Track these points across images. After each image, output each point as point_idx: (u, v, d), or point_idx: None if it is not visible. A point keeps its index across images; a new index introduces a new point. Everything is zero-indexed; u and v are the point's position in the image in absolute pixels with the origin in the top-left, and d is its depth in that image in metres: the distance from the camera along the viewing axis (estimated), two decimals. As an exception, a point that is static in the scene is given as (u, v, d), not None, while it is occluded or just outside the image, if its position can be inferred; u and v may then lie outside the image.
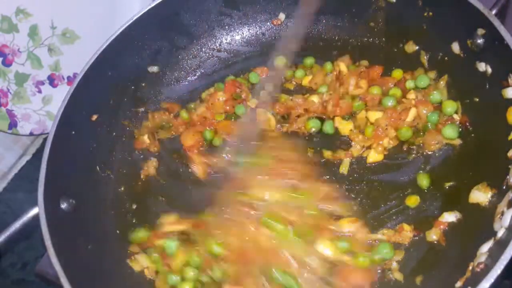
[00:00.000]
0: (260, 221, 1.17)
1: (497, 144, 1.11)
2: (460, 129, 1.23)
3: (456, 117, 1.25)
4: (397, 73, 1.38)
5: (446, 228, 1.11)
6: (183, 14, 1.54)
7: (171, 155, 1.43)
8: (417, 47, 1.39)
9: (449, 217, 1.11)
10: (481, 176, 1.12)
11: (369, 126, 1.30)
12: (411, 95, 1.31)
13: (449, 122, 1.24)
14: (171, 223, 1.28)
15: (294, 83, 1.48)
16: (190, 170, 1.39)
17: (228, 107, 1.45)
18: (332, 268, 1.11)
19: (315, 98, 1.37)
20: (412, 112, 1.27)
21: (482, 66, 1.18)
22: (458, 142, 1.22)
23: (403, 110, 1.28)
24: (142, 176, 1.41)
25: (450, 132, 1.22)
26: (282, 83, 1.49)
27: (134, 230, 1.29)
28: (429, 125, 1.26)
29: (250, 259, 1.15)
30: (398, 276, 1.10)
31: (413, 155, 1.26)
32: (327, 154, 1.31)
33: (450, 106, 1.25)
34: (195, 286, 1.17)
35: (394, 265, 1.11)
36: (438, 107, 1.28)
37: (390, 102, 1.31)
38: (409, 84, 1.34)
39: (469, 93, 1.24)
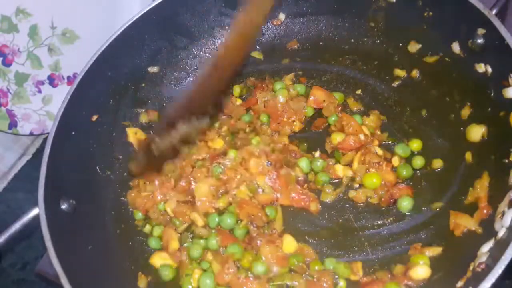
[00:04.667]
0: None
1: (497, 144, 1.11)
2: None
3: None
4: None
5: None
6: (183, 14, 1.54)
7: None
8: (419, 46, 1.39)
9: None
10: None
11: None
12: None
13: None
14: None
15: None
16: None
17: None
18: None
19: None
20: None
21: (482, 66, 1.18)
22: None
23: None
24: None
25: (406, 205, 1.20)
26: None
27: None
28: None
29: None
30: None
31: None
32: None
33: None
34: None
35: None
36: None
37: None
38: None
39: (470, 93, 1.24)
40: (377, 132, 1.33)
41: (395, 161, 1.26)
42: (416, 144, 1.28)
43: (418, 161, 1.25)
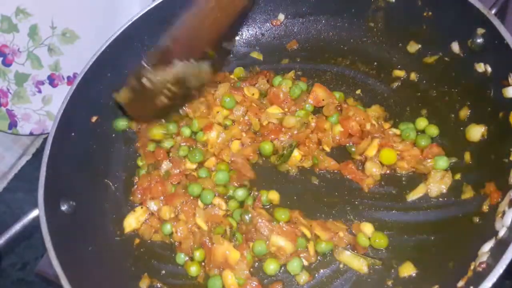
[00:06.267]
0: None
1: (497, 144, 1.11)
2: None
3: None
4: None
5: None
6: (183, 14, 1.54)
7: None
8: (419, 46, 1.39)
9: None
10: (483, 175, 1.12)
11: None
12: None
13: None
14: None
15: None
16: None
17: None
18: None
19: None
20: None
21: (482, 66, 1.19)
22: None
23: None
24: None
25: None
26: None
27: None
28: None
29: None
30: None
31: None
32: None
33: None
34: None
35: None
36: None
37: None
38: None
39: (469, 92, 1.24)
40: (381, 122, 1.33)
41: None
42: (422, 122, 1.29)
43: (432, 129, 1.27)
